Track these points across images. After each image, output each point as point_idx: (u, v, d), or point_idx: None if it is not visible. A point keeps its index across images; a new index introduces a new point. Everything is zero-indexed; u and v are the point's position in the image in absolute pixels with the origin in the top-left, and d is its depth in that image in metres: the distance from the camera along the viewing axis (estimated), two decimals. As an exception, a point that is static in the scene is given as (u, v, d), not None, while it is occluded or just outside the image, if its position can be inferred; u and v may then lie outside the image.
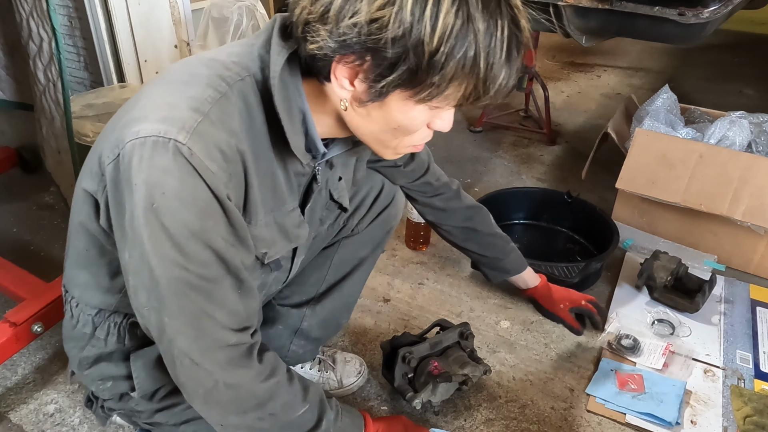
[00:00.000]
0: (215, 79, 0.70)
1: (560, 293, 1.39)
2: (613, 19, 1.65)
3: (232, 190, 0.70)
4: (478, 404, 1.26)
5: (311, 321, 1.15)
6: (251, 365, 0.74)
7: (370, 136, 0.74)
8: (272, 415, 0.77)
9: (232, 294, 0.72)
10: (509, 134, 2.46)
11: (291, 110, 0.73)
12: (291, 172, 0.80)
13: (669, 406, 1.22)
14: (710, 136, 1.74)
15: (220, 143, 0.67)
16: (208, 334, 0.71)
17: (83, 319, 0.87)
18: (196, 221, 0.66)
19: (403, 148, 0.76)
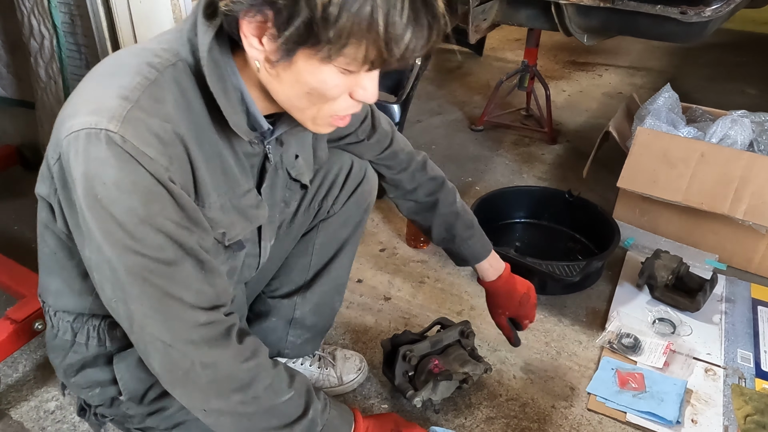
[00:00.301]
0: (144, 67, 0.69)
1: (506, 301, 1.23)
2: (615, 17, 1.65)
3: (175, 173, 0.69)
4: (478, 402, 1.26)
5: (303, 308, 1.15)
6: (228, 344, 0.74)
7: (287, 102, 0.73)
8: (256, 398, 0.76)
9: (195, 274, 0.71)
10: (510, 133, 2.46)
11: (227, 89, 0.72)
12: (240, 153, 0.79)
13: (670, 405, 1.22)
14: (712, 135, 1.74)
15: (154, 128, 0.67)
16: (175, 315, 0.70)
17: (62, 326, 0.88)
18: (140, 207, 0.66)
19: (324, 118, 0.74)
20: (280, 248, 1.11)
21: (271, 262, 1.12)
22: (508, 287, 1.21)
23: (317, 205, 1.09)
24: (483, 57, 3.29)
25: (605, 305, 1.53)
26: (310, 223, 1.11)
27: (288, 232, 1.09)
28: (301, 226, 1.10)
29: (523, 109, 2.58)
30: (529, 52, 2.32)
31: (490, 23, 1.95)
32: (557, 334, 1.44)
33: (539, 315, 1.50)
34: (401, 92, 1.97)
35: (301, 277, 1.14)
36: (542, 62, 3.16)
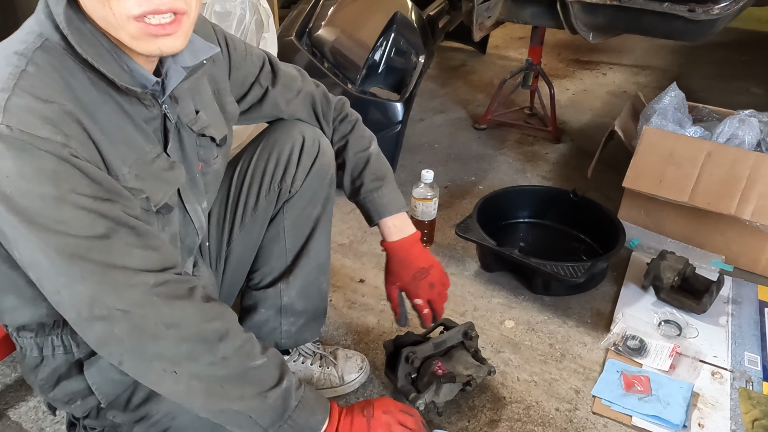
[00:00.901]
0: (11, 57, 0.68)
1: (400, 269, 1.11)
2: (622, 15, 1.63)
3: (77, 148, 0.67)
4: (482, 405, 1.24)
5: (290, 293, 1.14)
6: (190, 302, 0.73)
7: (98, 19, 0.69)
8: (225, 359, 0.74)
9: (132, 241, 0.70)
10: (514, 132, 2.44)
11: (101, 53, 0.71)
12: (139, 120, 0.77)
13: (676, 408, 1.21)
14: (719, 135, 1.72)
15: (38, 110, 0.66)
16: (125, 282, 0.69)
17: (27, 344, 0.86)
18: (52, 189, 0.65)
19: (129, 23, 0.68)
20: (251, 237, 1.11)
21: (245, 252, 1.12)
22: (406, 254, 1.10)
23: (276, 186, 1.08)
24: (486, 55, 3.28)
25: (610, 306, 1.51)
26: (274, 207, 1.10)
27: (254, 220, 1.09)
28: (266, 211, 1.10)
29: (527, 108, 2.56)
30: (533, 50, 2.30)
31: (494, 21, 1.93)
32: (561, 335, 1.43)
33: (543, 316, 1.48)
34: (404, 90, 1.96)
35: (281, 262, 1.13)
36: (546, 61, 3.14)
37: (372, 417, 0.88)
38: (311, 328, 1.22)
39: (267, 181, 1.07)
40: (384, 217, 1.10)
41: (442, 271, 1.16)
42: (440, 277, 1.15)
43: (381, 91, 2.01)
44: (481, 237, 1.54)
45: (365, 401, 0.92)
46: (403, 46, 2.05)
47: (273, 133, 1.09)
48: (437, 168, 2.07)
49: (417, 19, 2.16)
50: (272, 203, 1.10)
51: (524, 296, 1.55)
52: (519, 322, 1.47)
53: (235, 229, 1.10)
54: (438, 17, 2.37)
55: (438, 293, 1.14)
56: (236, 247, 1.11)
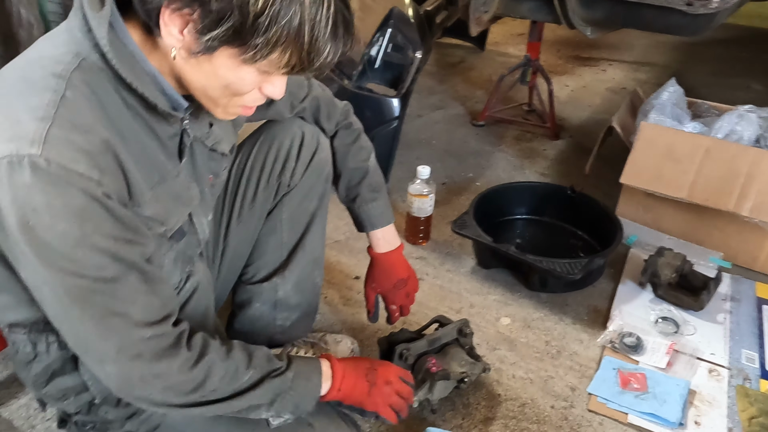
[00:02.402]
0: (50, 80, 0.67)
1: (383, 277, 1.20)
2: (619, 9, 1.62)
3: (108, 184, 0.67)
4: (476, 403, 1.23)
5: (285, 288, 1.14)
6: (177, 354, 0.75)
7: (200, 91, 0.74)
8: (214, 391, 0.79)
9: (139, 287, 0.72)
10: (512, 128, 2.43)
11: (140, 75, 0.72)
12: (164, 136, 0.78)
13: (672, 406, 1.19)
14: (717, 131, 1.70)
15: (78, 142, 0.65)
16: (120, 332, 0.71)
17: (20, 340, 0.86)
18: (75, 228, 0.65)
19: (234, 108, 0.77)
20: (247, 230, 1.11)
21: (241, 246, 1.12)
22: (390, 266, 1.20)
23: (275, 180, 1.09)
24: (485, 52, 3.26)
25: (607, 303, 1.50)
26: (272, 201, 1.11)
27: (251, 213, 1.09)
28: (264, 205, 1.10)
29: (526, 105, 2.54)
30: (532, 46, 2.29)
31: (491, 16, 1.91)
32: (558, 332, 1.42)
33: (540, 313, 1.47)
34: (401, 86, 1.94)
35: (276, 256, 1.14)
36: (545, 57, 3.12)
37: (375, 385, 0.95)
38: (304, 323, 1.22)
39: (266, 174, 1.08)
40: (376, 228, 1.17)
41: (416, 279, 1.27)
42: (414, 285, 1.26)
43: (378, 87, 1.99)
44: (478, 234, 1.53)
45: (369, 363, 0.98)
46: (400, 42, 2.03)
47: (272, 128, 1.09)
48: (434, 164, 2.05)
49: (414, 15, 2.14)
50: (270, 197, 1.10)
51: (521, 293, 1.54)
52: (515, 319, 1.46)
53: (233, 222, 1.10)
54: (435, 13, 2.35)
55: (410, 300, 1.26)
56: (233, 240, 1.11)
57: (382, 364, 1.00)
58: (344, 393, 0.92)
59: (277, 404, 0.85)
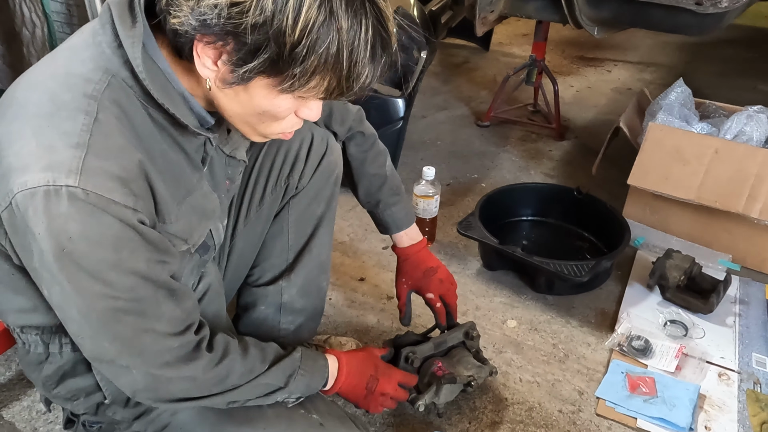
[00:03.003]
0: (82, 101, 0.66)
1: (411, 269, 1.20)
2: (627, 8, 1.60)
3: (142, 209, 0.68)
4: (483, 406, 1.22)
5: (290, 291, 1.14)
6: (201, 357, 0.77)
7: (237, 117, 0.74)
8: (235, 386, 0.82)
9: (166, 303, 0.73)
10: (517, 129, 2.41)
11: (171, 96, 0.71)
12: (190, 149, 0.78)
13: (682, 410, 1.18)
14: (726, 132, 1.68)
15: (114, 170, 0.65)
16: (149, 347, 0.73)
17: (32, 340, 0.86)
18: (111, 255, 0.66)
19: (272, 134, 0.77)
20: (254, 232, 1.10)
21: (247, 247, 1.11)
22: (416, 256, 1.21)
23: (284, 182, 1.08)
24: (489, 52, 3.25)
25: (614, 306, 1.48)
26: (280, 203, 1.10)
27: (259, 215, 1.08)
28: (272, 207, 1.09)
29: (530, 105, 2.53)
30: (537, 46, 2.27)
31: (497, 15, 1.90)
32: (565, 335, 1.40)
33: (546, 315, 1.46)
34: (406, 86, 1.93)
35: (282, 259, 1.13)
36: (550, 57, 3.10)
37: (371, 393, 1.01)
38: (309, 326, 1.21)
39: (274, 176, 1.07)
40: (402, 230, 1.19)
41: (448, 271, 1.24)
42: (447, 275, 1.23)
43: (382, 87, 1.98)
44: (484, 235, 1.51)
45: (374, 369, 1.02)
46: (404, 42, 2.02)
47: None
48: (439, 165, 2.04)
49: (419, 14, 2.13)
50: (278, 199, 1.09)
51: (527, 295, 1.52)
52: (521, 321, 1.44)
53: (240, 224, 1.09)
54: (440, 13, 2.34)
55: (447, 289, 1.22)
56: (239, 242, 1.10)
57: (384, 374, 1.04)
58: (343, 392, 0.99)
59: (291, 385, 0.88)
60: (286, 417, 0.91)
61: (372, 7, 0.64)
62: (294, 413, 0.92)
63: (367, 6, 0.64)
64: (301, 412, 0.93)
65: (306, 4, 0.60)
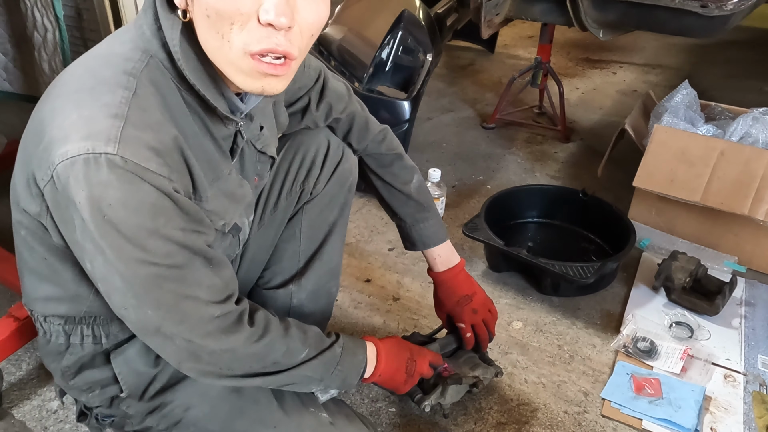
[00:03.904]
0: (122, 77, 0.69)
1: (445, 297, 1.19)
2: (633, 11, 1.60)
3: (177, 180, 0.70)
4: (489, 407, 1.22)
5: (300, 296, 1.14)
6: (242, 330, 0.78)
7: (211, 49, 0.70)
8: (275, 363, 0.83)
9: (204, 271, 0.74)
10: (523, 131, 2.42)
11: (203, 79, 0.73)
12: (219, 139, 0.80)
13: (687, 412, 1.18)
14: (732, 134, 1.69)
15: (150, 141, 0.68)
16: (192, 314, 0.74)
17: (54, 330, 0.87)
18: (149, 222, 0.68)
19: (243, 59, 0.68)
20: (267, 236, 1.11)
21: (260, 251, 1.12)
22: (451, 283, 1.19)
23: (299, 187, 1.09)
24: (495, 54, 3.25)
25: (620, 308, 1.49)
26: (294, 208, 1.11)
27: (273, 219, 1.09)
28: (286, 211, 1.10)
29: (536, 107, 2.53)
30: (543, 48, 2.28)
31: (502, 18, 1.91)
32: (570, 337, 1.40)
33: (552, 317, 1.46)
34: (411, 89, 1.94)
35: (293, 263, 1.13)
36: (555, 59, 3.11)
37: (411, 377, 1.03)
38: None
39: (290, 181, 1.07)
40: (430, 247, 1.18)
41: (485, 297, 1.22)
42: (483, 302, 1.21)
43: (388, 89, 1.99)
44: (489, 237, 1.52)
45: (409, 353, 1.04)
46: (410, 44, 2.03)
47: (299, 134, 1.09)
48: (445, 167, 2.05)
49: (425, 17, 2.14)
50: (292, 203, 1.10)
51: (532, 297, 1.53)
52: (527, 323, 1.45)
53: (254, 227, 1.09)
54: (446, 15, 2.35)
55: (482, 318, 1.19)
56: (252, 244, 1.10)
57: (419, 355, 1.06)
58: (383, 379, 0.99)
59: (327, 379, 0.90)
60: (296, 415, 0.92)
61: None
62: (304, 412, 0.93)
63: None
64: (311, 411, 0.94)
65: None
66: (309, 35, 0.72)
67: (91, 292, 0.83)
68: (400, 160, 1.14)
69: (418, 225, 1.16)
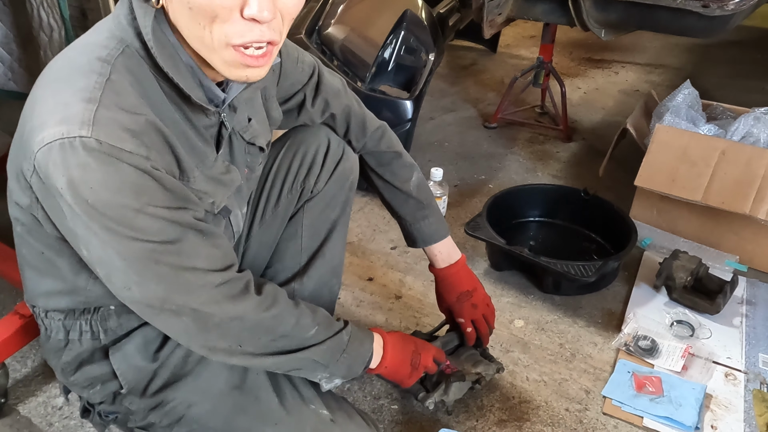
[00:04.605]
0: (95, 63, 0.70)
1: (446, 292, 1.20)
2: (634, 11, 1.61)
3: (156, 159, 0.70)
4: (490, 405, 1.23)
5: (302, 294, 1.14)
6: (249, 297, 0.79)
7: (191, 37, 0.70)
8: (284, 336, 0.83)
9: (199, 242, 0.75)
10: (524, 130, 2.42)
11: (178, 67, 0.73)
12: (200, 127, 0.80)
13: (688, 410, 1.19)
14: (733, 133, 1.69)
15: (124, 122, 0.68)
16: (194, 283, 0.75)
17: (54, 326, 0.89)
18: (133, 201, 0.68)
19: (226, 51, 0.69)
20: (269, 234, 1.11)
21: (261, 250, 1.12)
22: (452, 279, 1.20)
23: (300, 185, 1.09)
24: (497, 54, 3.26)
25: (621, 306, 1.49)
26: (295, 206, 1.12)
27: (274, 217, 1.10)
28: (287, 210, 1.11)
29: (538, 107, 2.54)
30: (545, 48, 2.28)
31: (504, 18, 1.91)
32: (572, 335, 1.41)
33: (553, 315, 1.47)
34: (414, 88, 1.94)
35: (295, 262, 1.14)
36: (557, 59, 3.11)
37: (416, 369, 1.03)
38: None
39: (290, 179, 1.08)
40: (430, 245, 1.18)
41: (485, 294, 1.24)
42: (483, 298, 1.22)
43: (390, 89, 2.00)
44: (491, 236, 1.53)
45: (414, 345, 1.04)
46: (413, 44, 2.04)
47: (300, 133, 1.10)
48: (447, 166, 2.06)
49: (427, 17, 2.14)
50: (293, 202, 1.11)
51: (534, 295, 1.54)
52: (529, 321, 1.45)
53: (255, 225, 1.10)
54: (448, 15, 2.35)
55: (482, 314, 1.21)
56: (254, 242, 1.11)
57: (424, 349, 1.06)
58: (388, 372, 0.99)
59: (332, 366, 0.90)
60: (297, 413, 0.93)
61: None
62: (305, 409, 0.94)
63: None
64: (312, 408, 0.94)
65: None
66: (289, 20, 0.74)
67: (88, 282, 0.83)
68: (399, 158, 1.15)
69: (419, 223, 1.17)
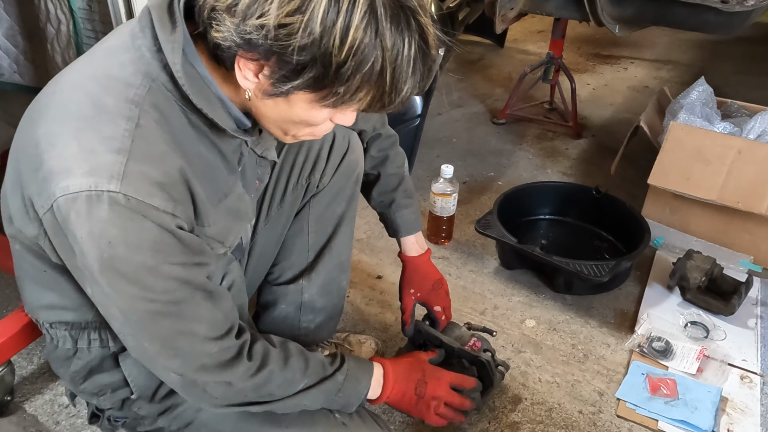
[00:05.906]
0: (123, 106, 0.67)
1: (421, 280, 1.20)
2: (650, 7, 1.58)
3: (181, 213, 0.69)
4: (503, 406, 1.21)
5: (311, 290, 1.14)
6: (239, 364, 0.78)
7: (273, 123, 0.75)
8: (271, 394, 0.83)
9: (205, 305, 0.73)
10: (533, 127, 2.40)
11: (210, 100, 0.72)
12: (227, 151, 0.79)
13: (704, 413, 1.17)
14: (749, 131, 1.66)
15: (155, 176, 0.66)
16: (187, 350, 0.74)
17: (60, 336, 0.87)
18: (149, 259, 0.67)
19: (303, 136, 0.78)
20: (275, 231, 1.10)
21: (268, 247, 1.12)
22: (425, 267, 1.21)
23: (305, 180, 1.08)
24: (504, 49, 3.22)
25: (634, 307, 1.47)
26: (301, 201, 1.10)
27: (279, 213, 1.09)
28: (292, 205, 1.10)
29: (547, 103, 2.51)
30: (555, 43, 2.26)
31: (517, 12, 1.89)
32: (584, 336, 1.39)
33: (565, 315, 1.45)
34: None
35: (302, 258, 1.13)
36: (565, 55, 3.06)
37: (422, 398, 0.98)
38: (328, 325, 1.21)
39: (295, 174, 1.07)
40: (410, 234, 1.18)
41: (445, 280, 1.25)
42: (446, 286, 1.24)
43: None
44: (502, 234, 1.50)
45: (421, 373, 0.99)
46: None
47: None
48: (455, 163, 2.02)
49: (437, 11, 2.11)
50: (299, 197, 1.09)
51: (545, 295, 1.52)
52: (540, 321, 1.44)
53: (261, 223, 1.09)
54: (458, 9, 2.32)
55: (449, 302, 1.24)
56: (260, 240, 1.10)
57: (433, 376, 1.01)
58: (392, 401, 0.98)
59: (327, 405, 0.90)
60: (308, 416, 0.91)
61: (415, 23, 0.64)
62: (316, 412, 0.92)
63: (412, 23, 0.64)
64: (324, 411, 0.93)
65: (354, 25, 0.60)
66: None
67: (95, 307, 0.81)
68: (396, 142, 1.16)
69: (402, 210, 1.16)
